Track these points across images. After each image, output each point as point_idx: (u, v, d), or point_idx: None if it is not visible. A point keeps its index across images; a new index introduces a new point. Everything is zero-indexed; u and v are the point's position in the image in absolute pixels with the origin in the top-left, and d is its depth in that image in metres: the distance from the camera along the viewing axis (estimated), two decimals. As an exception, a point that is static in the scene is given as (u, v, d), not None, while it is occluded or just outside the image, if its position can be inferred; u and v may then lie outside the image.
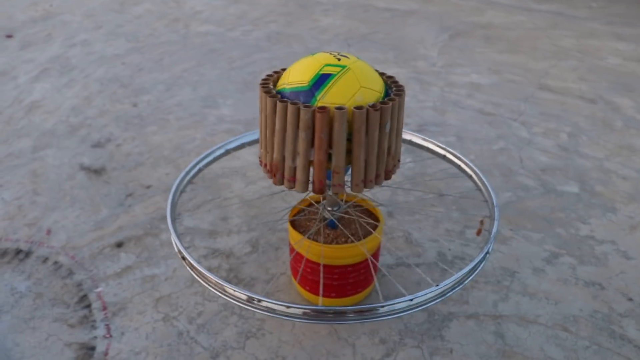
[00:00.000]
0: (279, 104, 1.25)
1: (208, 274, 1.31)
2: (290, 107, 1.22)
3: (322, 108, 1.20)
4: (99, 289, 1.91)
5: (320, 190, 1.32)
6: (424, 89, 3.33)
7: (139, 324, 1.76)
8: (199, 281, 1.37)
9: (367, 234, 1.62)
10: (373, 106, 1.23)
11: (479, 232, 2.09)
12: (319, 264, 1.61)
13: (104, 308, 1.83)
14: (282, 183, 1.36)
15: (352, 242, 1.59)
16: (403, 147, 2.41)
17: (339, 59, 1.31)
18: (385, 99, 1.29)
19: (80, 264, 2.02)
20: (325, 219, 1.65)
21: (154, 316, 1.79)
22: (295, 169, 1.32)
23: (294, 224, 1.69)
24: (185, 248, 1.42)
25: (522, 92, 3.32)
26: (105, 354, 1.67)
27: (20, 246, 2.13)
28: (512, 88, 3.37)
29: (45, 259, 2.06)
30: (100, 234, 2.17)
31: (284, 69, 1.44)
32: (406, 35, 4.27)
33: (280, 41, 4.26)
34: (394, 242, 2.06)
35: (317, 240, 1.60)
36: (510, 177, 2.43)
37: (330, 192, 1.58)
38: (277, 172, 1.35)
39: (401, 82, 1.42)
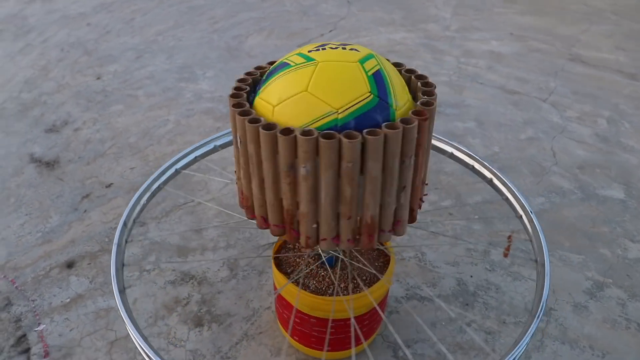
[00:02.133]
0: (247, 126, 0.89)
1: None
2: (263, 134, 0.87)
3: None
4: (41, 327, 1.60)
5: (308, 244, 0.99)
6: (437, 59, 2.94)
7: (86, 378, 1.46)
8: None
9: (373, 276, 1.30)
10: (418, 114, 0.89)
11: (506, 254, 1.78)
12: (309, 316, 1.30)
13: (45, 354, 1.53)
14: (278, 233, 1.02)
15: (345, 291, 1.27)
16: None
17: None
18: (410, 113, 0.90)
19: (22, 292, 1.71)
20: (319, 256, 1.33)
21: (105, 368, 1.49)
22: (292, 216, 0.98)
23: (279, 261, 1.37)
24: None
25: (550, 64, 2.93)
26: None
27: (-50, 265, 1.81)
28: (539, 59, 2.99)
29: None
30: (47, 250, 1.85)
31: (270, 63, 1.07)
32: (414, -9, 3.83)
33: (271, -2, 3.82)
34: (404, 265, 1.75)
35: (308, 286, 1.29)
36: (541, 177, 2.09)
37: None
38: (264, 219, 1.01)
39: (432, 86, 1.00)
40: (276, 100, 0.90)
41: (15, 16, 3.58)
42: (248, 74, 1.05)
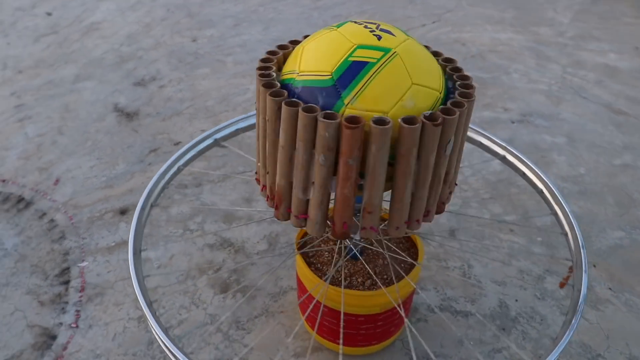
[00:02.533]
0: (285, 109, 0.82)
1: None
2: (303, 117, 0.79)
3: (353, 120, 0.77)
4: (84, 264, 1.71)
5: (342, 235, 0.92)
6: (540, 65, 2.72)
7: (110, 319, 1.54)
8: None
9: (401, 273, 1.24)
10: (431, 118, 0.79)
11: (562, 284, 1.62)
12: (333, 310, 1.25)
13: (82, 289, 1.63)
14: (287, 218, 0.96)
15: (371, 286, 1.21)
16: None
17: (378, 37, 0.85)
18: (448, 103, 0.84)
19: (75, 229, 1.83)
20: (345, 249, 1.28)
21: (130, 313, 1.55)
22: (307, 202, 0.90)
23: (306, 257, 1.32)
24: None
25: (673, 86, 2.60)
26: (64, 348, 1.47)
27: (24, 194, 1.98)
28: (661, 79, 2.66)
29: (43, 215, 1.89)
30: (107, 194, 1.96)
31: (295, 42, 1.01)
32: (536, -9, 3.56)
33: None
34: (446, 273, 1.64)
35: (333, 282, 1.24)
36: (628, 209, 1.87)
37: (357, 237, 1.20)
38: (280, 203, 0.94)
39: (470, 71, 0.95)
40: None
41: (135, -26, 3.82)
42: (272, 53, 0.98)
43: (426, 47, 0.97)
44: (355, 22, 0.91)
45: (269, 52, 0.98)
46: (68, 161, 2.12)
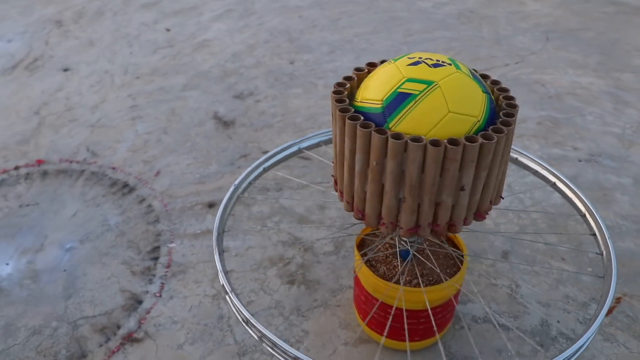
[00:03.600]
0: (348, 122, 1.01)
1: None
2: (359, 131, 0.98)
3: (417, 139, 0.94)
4: (172, 245, 1.95)
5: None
6: (617, 109, 2.72)
7: (189, 293, 1.76)
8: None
9: (448, 271, 1.36)
10: (434, 143, 0.94)
11: (608, 312, 1.64)
12: (371, 296, 1.40)
13: (168, 265, 1.87)
14: (350, 210, 1.17)
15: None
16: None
17: (429, 69, 1.01)
18: (489, 129, 0.98)
19: (169, 215, 2.09)
20: (394, 246, 1.42)
21: (207, 290, 1.76)
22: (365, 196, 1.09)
23: (363, 244, 1.48)
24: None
25: None
26: (148, 312, 1.70)
27: (129, 181, 2.29)
28: None
29: (142, 200, 2.17)
30: (199, 189, 2.22)
31: (370, 69, 1.19)
32: (624, 38, 3.52)
33: (471, 21, 3.86)
34: (493, 290, 1.72)
35: (377, 269, 1.39)
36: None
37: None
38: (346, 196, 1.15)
39: (515, 96, 1.08)
40: (425, 130, 0.96)
41: (245, 0, 4.21)
42: (347, 78, 1.15)
43: (474, 70, 1.12)
44: (410, 57, 1.07)
45: (346, 78, 1.16)
46: (169, 157, 2.42)
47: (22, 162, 2.45)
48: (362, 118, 1.01)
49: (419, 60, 1.04)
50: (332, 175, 1.23)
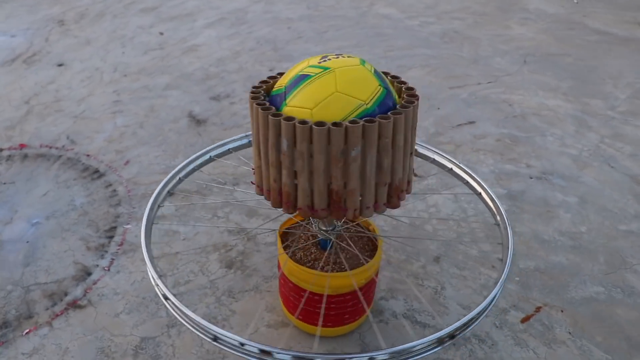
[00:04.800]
0: (254, 106, 1.18)
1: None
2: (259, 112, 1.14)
3: (337, 124, 1.07)
4: (128, 226, 2.12)
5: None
6: (579, 132, 2.85)
7: (135, 270, 1.92)
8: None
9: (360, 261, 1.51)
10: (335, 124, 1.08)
11: (525, 319, 1.77)
12: (289, 281, 1.54)
13: (121, 244, 2.03)
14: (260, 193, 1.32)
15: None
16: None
17: (326, 59, 1.18)
18: (378, 116, 1.11)
19: (130, 200, 2.26)
20: (316, 238, 1.57)
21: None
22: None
23: (286, 236, 1.62)
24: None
25: None
26: (94, 282, 1.87)
27: (100, 168, 2.47)
28: None
29: (109, 185, 2.35)
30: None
31: (280, 74, 1.33)
32: (601, 67, 3.66)
33: (453, 41, 4.03)
34: (419, 290, 1.86)
35: (295, 254, 1.54)
36: (616, 270, 1.97)
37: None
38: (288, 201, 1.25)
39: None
40: (312, 104, 1.09)
41: (240, 10, 4.42)
42: (271, 78, 1.31)
43: (385, 73, 1.28)
44: (325, 54, 1.24)
45: (269, 78, 1.32)
46: (140, 149, 2.60)
47: (6, 145, 2.64)
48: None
49: (330, 56, 1.20)
50: (252, 182, 1.36)
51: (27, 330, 1.71)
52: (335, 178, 1.13)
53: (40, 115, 2.89)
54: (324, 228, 1.51)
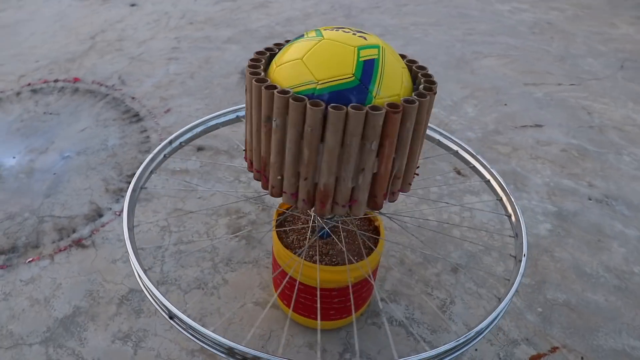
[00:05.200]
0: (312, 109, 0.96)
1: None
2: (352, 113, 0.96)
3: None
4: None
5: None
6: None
7: (144, 219, 1.92)
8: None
9: (365, 249, 1.40)
10: (393, 106, 0.95)
11: (535, 357, 1.60)
12: (302, 284, 1.44)
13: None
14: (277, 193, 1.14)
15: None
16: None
17: (335, 30, 1.05)
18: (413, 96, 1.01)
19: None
20: (316, 229, 1.47)
21: (160, 222, 1.92)
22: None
23: (280, 236, 1.49)
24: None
25: None
26: (103, 225, 1.88)
27: (140, 112, 2.48)
28: None
29: (144, 131, 2.36)
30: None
31: (274, 47, 1.16)
32: None
33: (543, 33, 3.69)
34: (425, 299, 1.71)
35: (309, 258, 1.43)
36: None
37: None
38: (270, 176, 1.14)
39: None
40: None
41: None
42: (267, 49, 1.17)
43: (402, 55, 1.15)
44: (328, 29, 1.08)
45: (260, 52, 1.16)
46: (184, 99, 2.58)
47: (62, 77, 2.72)
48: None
49: (343, 30, 1.06)
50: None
51: (31, 259, 1.75)
52: (262, 142, 1.06)
53: (101, 52, 2.94)
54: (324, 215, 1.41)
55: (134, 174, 2.07)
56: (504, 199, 1.32)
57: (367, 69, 0.99)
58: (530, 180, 2.22)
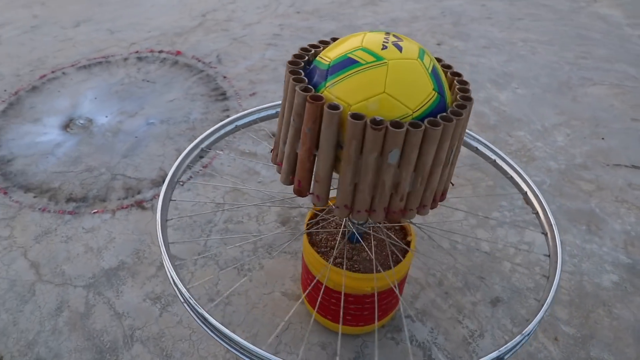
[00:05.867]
0: (286, 73, 1.04)
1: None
2: (289, 82, 1.01)
3: (316, 97, 0.94)
4: (220, 152, 2.22)
5: (297, 191, 1.14)
6: None
7: (202, 193, 2.02)
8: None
9: (394, 257, 1.38)
10: (376, 122, 0.91)
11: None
12: (330, 289, 1.44)
13: (205, 166, 2.14)
14: (275, 162, 1.17)
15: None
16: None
17: (384, 47, 0.99)
18: (420, 121, 0.94)
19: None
20: (347, 233, 1.46)
21: (216, 199, 2.01)
22: (283, 154, 1.10)
23: (311, 238, 1.47)
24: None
25: None
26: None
27: (228, 92, 2.60)
28: None
29: (226, 110, 2.47)
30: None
31: (333, 39, 1.16)
32: None
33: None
34: (453, 326, 1.64)
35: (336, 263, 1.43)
36: None
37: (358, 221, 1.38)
38: (275, 148, 1.17)
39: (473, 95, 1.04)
40: (353, 100, 0.95)
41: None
42: (321, 43, 1.15)
43: (438, 59, 1.09)
44: (382, 32, 1.05)
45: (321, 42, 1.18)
46: (272, 85, 2.66)
47: (167, 48, 2.91)
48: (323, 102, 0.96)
49: (386, 36, 1.02)
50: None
51: (96, 211, 1.92)
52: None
53: (207, 30, 3.11)
54: (354, 220, 1.39)
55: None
56: (541, 214, 1.25)
57: (437, 78, 1.00)
58: (608, 225, 2.03)
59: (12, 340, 1.53)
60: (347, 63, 0.98)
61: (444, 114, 0.97)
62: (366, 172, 0.99)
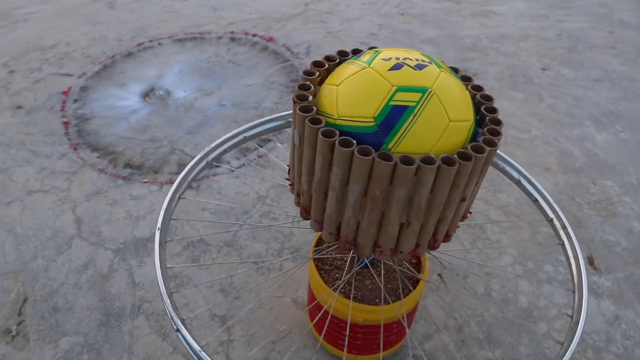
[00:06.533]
0: (338, 150, 0.81)
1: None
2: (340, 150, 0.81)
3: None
4: (279, 145, 2.23)
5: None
6: None
7: (249, 183, 2.04)
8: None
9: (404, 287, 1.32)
10: (447, 161, 0.81)
11: None
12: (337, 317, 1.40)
13: (261, 156, 2.17)
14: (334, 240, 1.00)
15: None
16: None
17: (415, 73, 0.86)
18: (470, 147, 0.85)
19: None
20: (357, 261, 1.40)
21: (261, 190, 2.02)
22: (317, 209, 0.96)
23: (318, 264, 1.40)
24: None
25: None
26: (215, 174, 2.06)
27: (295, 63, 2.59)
28: None
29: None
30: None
31: (329, 63, 0.99)
32: None
33: None
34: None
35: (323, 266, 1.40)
36: None
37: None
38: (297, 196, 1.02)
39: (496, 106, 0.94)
40: (429, 147, 0.84)
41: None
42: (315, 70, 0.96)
43: (453, 69, 0.98)
44: (383, 57, 0.91)
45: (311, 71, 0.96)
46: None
47: (261, 33, 2.97)
48: (354, 143, 0.82)
49: (399, 62, 0.89)
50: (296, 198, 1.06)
51: (146, 181, 2.01)
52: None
53: (306, 20, 3.13)
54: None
55: (268, 140, 2.21)
56: (567, 244, 1.19)
57: (393, 116, 0.82)
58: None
59: (39, 285, 1.66)
60: (398, 112, 0.84)
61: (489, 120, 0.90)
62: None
